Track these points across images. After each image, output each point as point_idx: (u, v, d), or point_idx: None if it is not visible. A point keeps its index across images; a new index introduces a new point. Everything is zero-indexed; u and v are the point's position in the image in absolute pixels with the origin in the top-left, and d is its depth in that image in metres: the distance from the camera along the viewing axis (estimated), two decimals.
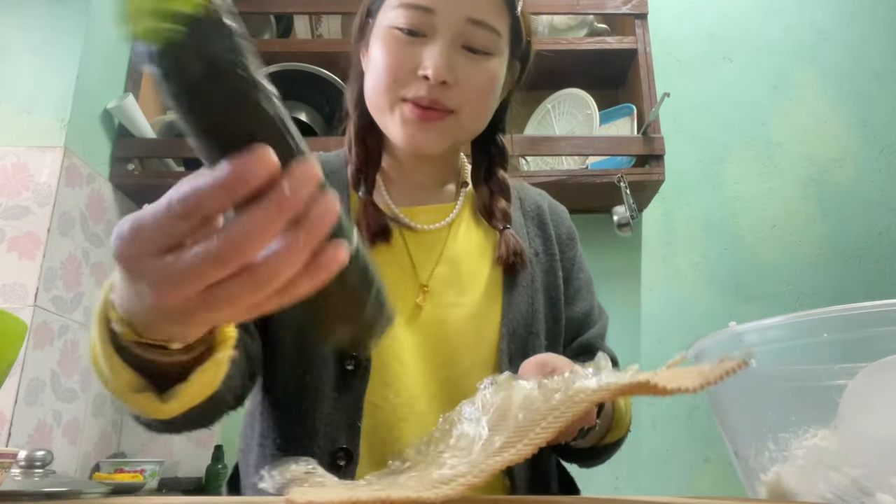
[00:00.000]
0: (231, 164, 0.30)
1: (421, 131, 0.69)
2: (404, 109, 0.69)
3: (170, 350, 0.39)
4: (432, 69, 0.66)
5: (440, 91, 0.67)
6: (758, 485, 0.43)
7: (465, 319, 0.71)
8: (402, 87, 0.68)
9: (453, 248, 0.75)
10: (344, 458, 0.64)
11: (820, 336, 0.38)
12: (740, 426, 0.46)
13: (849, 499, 0.36)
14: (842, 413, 0.37)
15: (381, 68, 0.69)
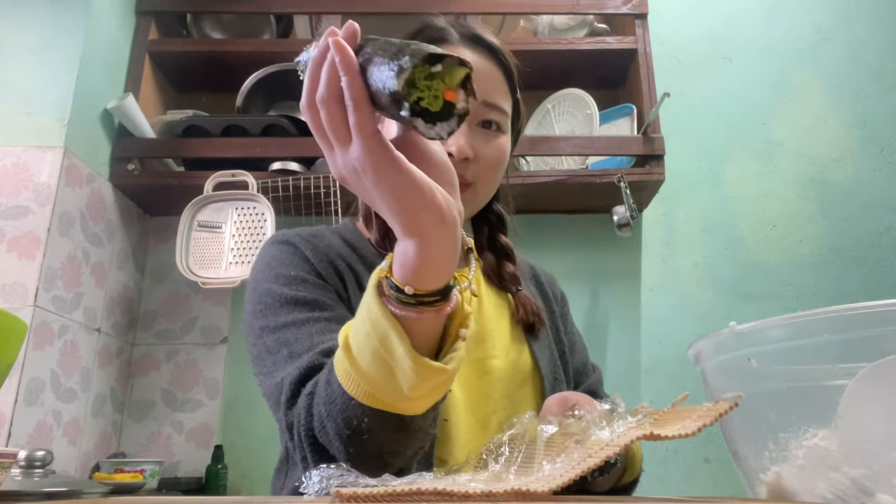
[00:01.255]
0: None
1: None
2: None
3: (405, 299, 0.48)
4: (456, 147, 0.71)
5: (463, 166, 0.72)
6: (758, 485, 0.43)
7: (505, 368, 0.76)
8: None
9: (476, 311, 0.80)
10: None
11: (820, 336, 0.38)
12: (740, 426, 0.46)
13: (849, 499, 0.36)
14: (842, 413, 0.37)
15: None
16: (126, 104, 1.58)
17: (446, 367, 0.49)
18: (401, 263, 0.48)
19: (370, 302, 0.49)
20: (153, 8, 1.77)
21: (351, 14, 1.80)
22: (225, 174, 1.59)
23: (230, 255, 1.57)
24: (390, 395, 0.50)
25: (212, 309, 1.74)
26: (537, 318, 0.81)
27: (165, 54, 1.77)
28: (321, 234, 0.79)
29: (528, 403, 0.76)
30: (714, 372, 0.48)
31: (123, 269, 1.67)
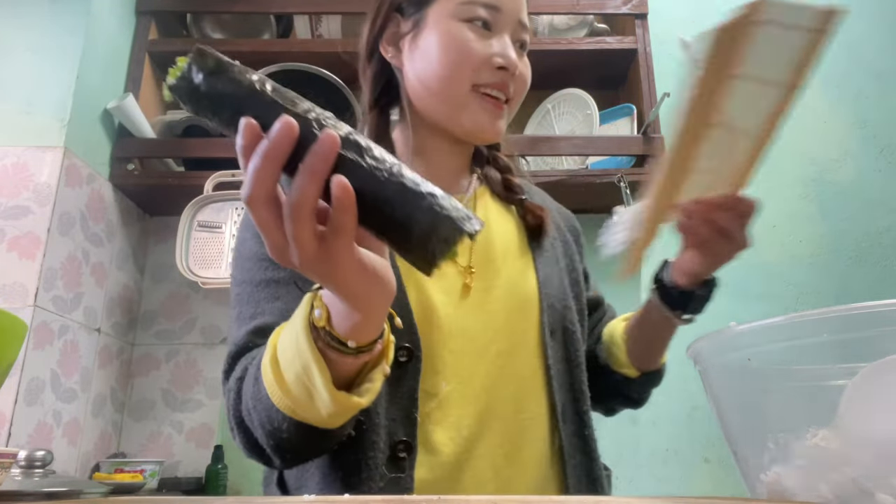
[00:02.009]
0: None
1: (496, 119, 0.74)
2: (481, 99, 0.73)
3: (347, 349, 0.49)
4: (510, 60, 0.72)
5: (509, 80, 0.74)
6: (758, 485, 0.43)
7: (507, 296, 0.74)
8: (477, 76, 0.72)
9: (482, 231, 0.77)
10: (404, 450, 0.65)
11: (820, 336, 0.38)
12: (740, 426, 0.46)
13: (849, 499, 0.36)
14: (842, 413, 0.37)
15: (458, 57, 0.72)
16: (126, 104, 1.58)
17: (361, 400, 0.51)
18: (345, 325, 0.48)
19: (298, 331, 0.50)
20: (153, 8, 1.77)
21: (351, 14, 1.80)
22: (225, 174, 1.59)
23: (230, 255, 1.57)
24: (309, 415, 0.53)
25: (212, 309, 1.74)
26: (543, 223, 0.80)
27: (165, 54, 1.77)
28: None
29: (530, 333, 0.74)
30: (714, 372, 0.48)
31: (123, 269, 1.67)
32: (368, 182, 0.39)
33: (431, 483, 0.65)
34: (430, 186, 0.41)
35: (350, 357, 0.49)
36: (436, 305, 0.70)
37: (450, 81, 0.73)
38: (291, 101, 0.40)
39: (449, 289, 0.72)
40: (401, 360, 0.67)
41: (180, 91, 0.40)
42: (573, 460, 0.71)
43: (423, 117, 0.78)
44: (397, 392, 0.67)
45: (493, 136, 0.75)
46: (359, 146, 0.40)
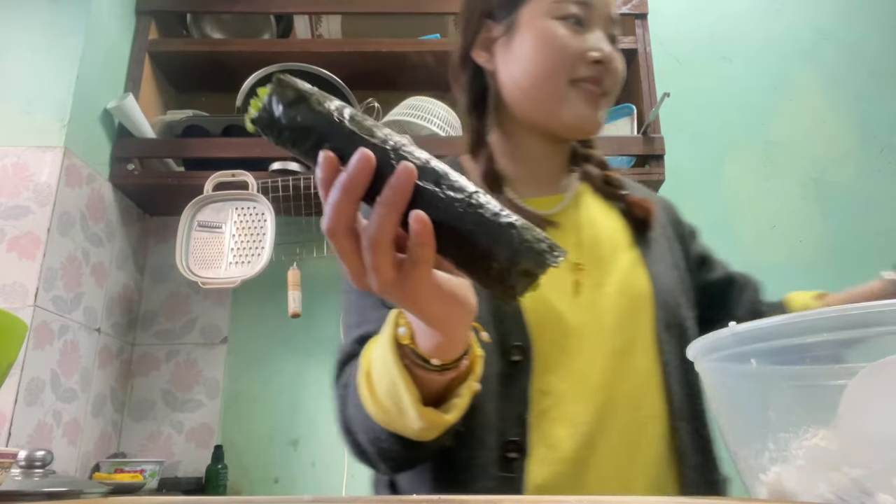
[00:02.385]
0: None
1: (594, 111, 0.75)
2: (580, 93, 0.74)
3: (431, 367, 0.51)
4: (605, 53, 0.74)
5: (605, 73, 0.75)
6: (758, 485, 0.43)
7: (619, 293, 0.73)
8: (574, 71, 0.73)
9: (588, 229, 0.77)
10: (515, 451, 0.65)
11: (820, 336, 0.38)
12: (740, 426, 0.46)
13: (849, 499, 0.36)
14: (842, 413, 0.37)
15: (555, 54, 0.73)
16: (126, 104, 1.58)
17: (447, 417, 0.53)
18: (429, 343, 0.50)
19: (385, 348, 0.52)
20: (153, 8, 1.77)
21: (351, 14, 1.80)
22: (225, 174, 1.59)
23: (230, 255, 1.57)
24: (400, 427, 0.55)
25: (212, 309, 1.74)
26: (650, 215, 0.79)
27: (165, 54, 1.77)
28: None
29: (644, 330, 0.72)
30: (714, 372, 0.48)
31: (123, 269, 1.67)
32: (446, 213, 0.39)
33: (552, 481, 0.65)
34: (511, 216, 0.40)
35: (435, 374, 0.51)
36: (548, 304, 0.70)
37: (547, 78, 0.74)
38: (369, 130, 0.41)
39: (560, 287, 0.72)
40: (514, 359, 0.67)
41: (262, 123, 0.41)
42: (691, 461, 0.69)
43: (520, 119, 0.78)
44: (510, 391, 0.66)
45: (594, 128, 0.76)
46: (436, 175, 0.40)
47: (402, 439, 0.56)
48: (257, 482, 1.61)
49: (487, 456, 0.64)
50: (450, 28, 1.88)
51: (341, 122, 0.40)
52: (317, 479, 1.61)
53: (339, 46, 1.75)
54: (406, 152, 0.40)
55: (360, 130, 0.40)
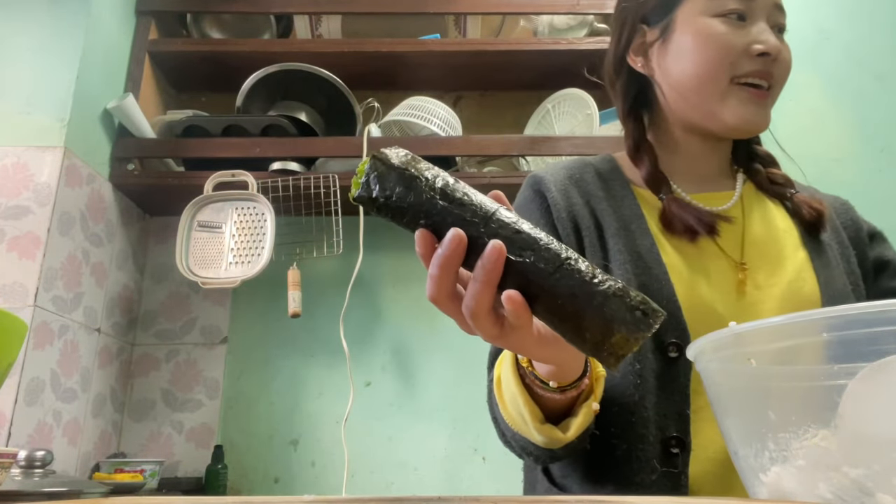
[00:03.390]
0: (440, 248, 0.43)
1: (759, 109, 0.73)
2: (742, 92, 0.73)
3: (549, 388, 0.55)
4: (770, 45, 0.72)
5: (771, 66, 0.73)
6: (758, 485, 0.43)
7: (785, 298, 0.71)
8: (737, 68, 0.72)
9: (753, 228, 0.76)
10: (676, 446, 0.65)
11: (820, 336, 0.38)
12: (740, 426, 0.46)
13: (849, 499, 0.36)
14: (842, 413, 0.37)
15: (715, 52, 0.72)
16: (126, 104, 1.58)
17: (564, 436, 0.57)
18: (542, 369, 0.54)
19: (507, 366, 0.57)
20: (153, 8, 1.77)
21: (351, 14, 1.80)
22: (225, 174, 1.59)
23: (230, 255, 1.57)
24: (528, 435, 0.60)
25: (212, 309, 1.74)
26: (821, 216, 0.77)
27: (165, 54, 1.77)
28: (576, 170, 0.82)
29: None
30: (714, 372, 0.48)
31: (123, 269, 1.67)
32: (538, 285, 0.42)
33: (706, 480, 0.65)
34: (604, 284, 0.41)
35: (556, 394, 0.55)
36: (707, 303, 0.70)
37: (707, 78, 0.73)
38: (460, 202, 0.43)
39: (721, 285, 0.71)
40: (671, 355, 0.67)
41: (362, 201, 0.44)
42: None
43: (679, 120, 0.78)
44: (667, 387, 0.66)
45: (758, 127, 0.75)
46: (527, 244, 0.42)
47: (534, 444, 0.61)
48: (257, 482, 1.61)
49: (649, 450, 0.65)
50: (450, 28, 1.88)
51: (433, 198, 0.43)
52: (317, 479, 1.61)
53: (339, 46, 1.75)
54: (497, 223, 0.42)
55: (452, 205, 0.43)
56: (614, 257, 0.72)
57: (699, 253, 0.73)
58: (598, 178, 0.81)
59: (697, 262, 0.73)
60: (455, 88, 1.92)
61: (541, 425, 0.56)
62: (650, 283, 0.70)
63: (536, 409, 0.56)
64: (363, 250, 1.60)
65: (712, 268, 0.73)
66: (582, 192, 0.78)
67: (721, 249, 0.74)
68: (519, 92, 1.88)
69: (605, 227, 0.75)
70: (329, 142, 1.65)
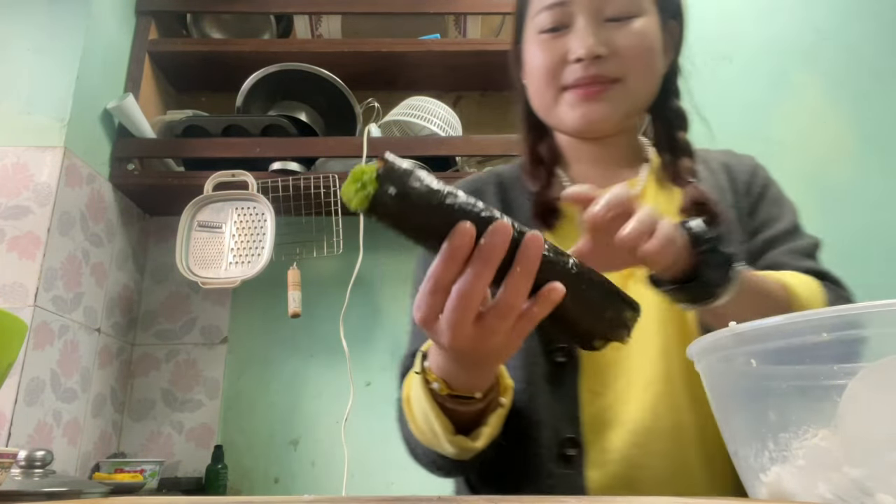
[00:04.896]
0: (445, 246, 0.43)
1: (591, 106, 0.72)
2: (567, 96, 0.73)
3: (472, 400, 0.56)
4: (583, 49, 0.70)
5: (598, 65, 0.71)
6: (758, 485, 0.43)
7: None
8: (560, 78, 0.73)
9: None
10: (572, 448, 0.65)
11: (820, 336, 0.38)
12: (740, 426, 0.46)
13: (849, 499, 0.36)
14: (842, 413, 0.37)
15: (537, 69, 0.74)
16: (126, 104, 1.58)
17: (475, 444, 0.58)
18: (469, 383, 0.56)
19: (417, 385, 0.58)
20: (153, 8, 1.77)
21: (351, 14, 1.80)
22: (225, 174, 1.59)
23: (230, 256, 1.57)
24: (439, 448, 0.61)
25: (212, 309, 1.74)
26: (701, 207, 0.73)
27: (165, 54, 1.77)
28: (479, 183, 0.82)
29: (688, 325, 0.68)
30: (714, 372, 0.48)
31: (123, 269, 1.67)
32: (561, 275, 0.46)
33: (607, 482, 0.64)
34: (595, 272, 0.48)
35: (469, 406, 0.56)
36: None
37: (540, 93, 0.75)
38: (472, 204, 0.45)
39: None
40: (558, 360, 0.67)
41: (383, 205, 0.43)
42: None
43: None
44: (557, 391, 0.67)
45: (598, 125, 0.73)
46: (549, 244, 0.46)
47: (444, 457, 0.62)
48: (257, 482, 1.61)
49: (545, 454, 0.65)
50: (450, 28, 1.88)
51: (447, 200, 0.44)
52: (317, 479, 1.61)
53: (339, 46, 1.75)
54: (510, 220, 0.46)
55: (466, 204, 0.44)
56: None
57: None
58: (498, 189, 0.81)
59: None
60: (455, 88, 1.92)
61: (452, 437, 0.57)
62: None
63: (448, 423, 0.57)
64: (363, 250, 1.60)
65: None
66: None
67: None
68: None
69: None
70: (329, 142, 1.65)
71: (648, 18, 0.73)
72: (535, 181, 0.78)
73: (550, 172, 0.79)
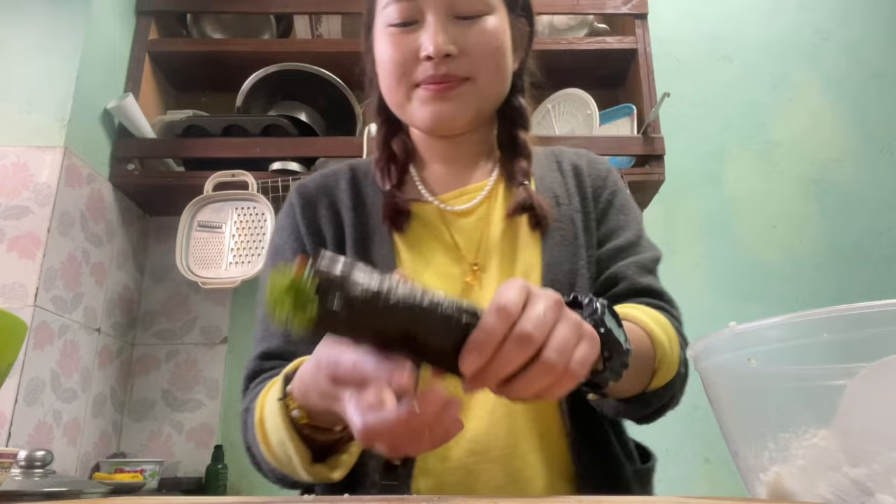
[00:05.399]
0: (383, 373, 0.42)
1: (442, 104, 0.71)
2: (419, 93, 0.71)
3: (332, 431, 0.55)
4: (433, 46, 0.69)
5: (448, 64, 0.70)
6: (758, 485, 0.43)
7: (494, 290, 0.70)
8: (412, 75, 0.71)
9: (496, 224, 0.75)
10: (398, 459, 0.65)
11: (820, 336, 0.38)
12: (740, 426, 0.46)
13: (849, 499, 0.36)
14: (842, 413, 0.37)
15: (387, 64, 0.72)
16: (126, 104, 1.58)
17: (332, 474, 0.56)
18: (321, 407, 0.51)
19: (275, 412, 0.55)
20: (153, 8, 1.77)
21: (351, 14, 1.80)
22: (225, 174, 1.59)
23: (230, 255, 1.57)
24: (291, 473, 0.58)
25: (212, 309, 1.74)
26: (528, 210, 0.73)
27: (165, 54, 1.77)
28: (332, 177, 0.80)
29: None
30: (714, 372, 0.48)
31: (123, 269, 1.67)
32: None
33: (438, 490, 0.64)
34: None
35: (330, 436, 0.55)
36: None
37: (391, 89, 0.74)
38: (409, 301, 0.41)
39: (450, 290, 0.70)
40: None
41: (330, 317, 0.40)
42: (587, 456, 0.67)
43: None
44: None
45: (448, 123, 0.72)
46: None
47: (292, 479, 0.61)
48: (257, 482, 1.61)
49: (371, 464, 0.64)
50: None
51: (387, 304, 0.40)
52: None
53: (339, 46, 1.75)
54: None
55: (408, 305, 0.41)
56: None
57: (435, 256, 0.73)
58: (351, 184, 0.79)
59: (432, 268, 0.72)
60: None
61: (310, 467, 0.56)
62: None
63: (306, 453, 0.55)
64: None
65: (446, 272, 0.72)
66: (330, 202, 0.77)
67: (458, 247, 0.73)
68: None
69: (347, 236, 0.74)
70: (329, 142, 1.65)
71: (498, 16, 0.73)
72: (387, 180, 0.77)
73: (403, 170, 0.78)
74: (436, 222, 0.75)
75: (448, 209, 0.75)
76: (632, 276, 0.73)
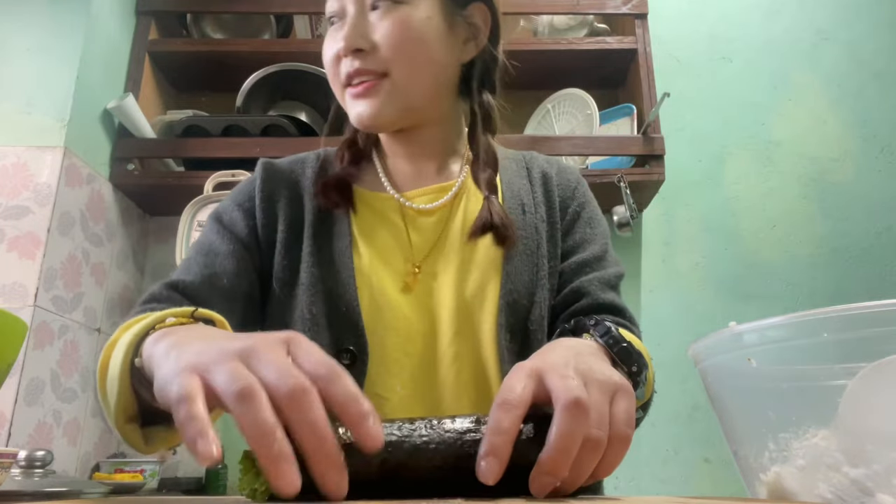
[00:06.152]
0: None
1: (362, 106, 0.70)
2: (349, 91, 0.71)
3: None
4: (343, 42, 0.68)
5: (361, 60, 0.68)
6: (758, 485, 0.43)
7: (463, 298, 0.69)
8: (342, 74, 0.71)
9: (454, 227, 0.73)
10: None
11: (820, 336, 0.38)
12: (740, 426, 0.46)
13: (849, 499, 0.36)
14: (842, 413, 0.37)
15: (325, 62, 0.74)
16: (126, 104, 1.58)
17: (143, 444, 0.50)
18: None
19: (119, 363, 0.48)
20: (153, 8, 1.77)
21: None
22: (225, 174, 1.59)
23: None
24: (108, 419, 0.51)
25: None
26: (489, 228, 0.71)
27: (165, 54, 1.77)
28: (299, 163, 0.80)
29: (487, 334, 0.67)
30: (714, 372, 0.48)
31: (123, 269, 1.67)
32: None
33: None
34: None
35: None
36: (386, 305, 0.68)
37: (334, 89, 0.74)
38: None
39: (399, 286, 0.70)
40: (343, 362, 0.65)
41: None
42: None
43: None
44: None
45: (371, 121, 0.71)
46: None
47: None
48: None
49: None
50: None
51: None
52: None
53: None
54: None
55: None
56: (305, 258, 0.71)
57: (387, 249, 0.72)
58: (317, 171, 0.78)
59: (386, 264, 0.71)
60: None
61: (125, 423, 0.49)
62: (336, 289, 0.68)
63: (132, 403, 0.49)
64: None
65: (399, 269, 0.71)
66: (293, 185, 0.77)
67: (411, 246, 0.72)
68: (519, 92, 1.88)
69: (307, 222, 0.73)
70: (329, 142, 1.65)
71: (418, 6, 0.68)
72: (338, 162, 0.77)
73: (361, 156, 0.78)
74: (394, 217, 0.74)
75: (410, 206, 0.74)
76: (594, 291, 0.71)
